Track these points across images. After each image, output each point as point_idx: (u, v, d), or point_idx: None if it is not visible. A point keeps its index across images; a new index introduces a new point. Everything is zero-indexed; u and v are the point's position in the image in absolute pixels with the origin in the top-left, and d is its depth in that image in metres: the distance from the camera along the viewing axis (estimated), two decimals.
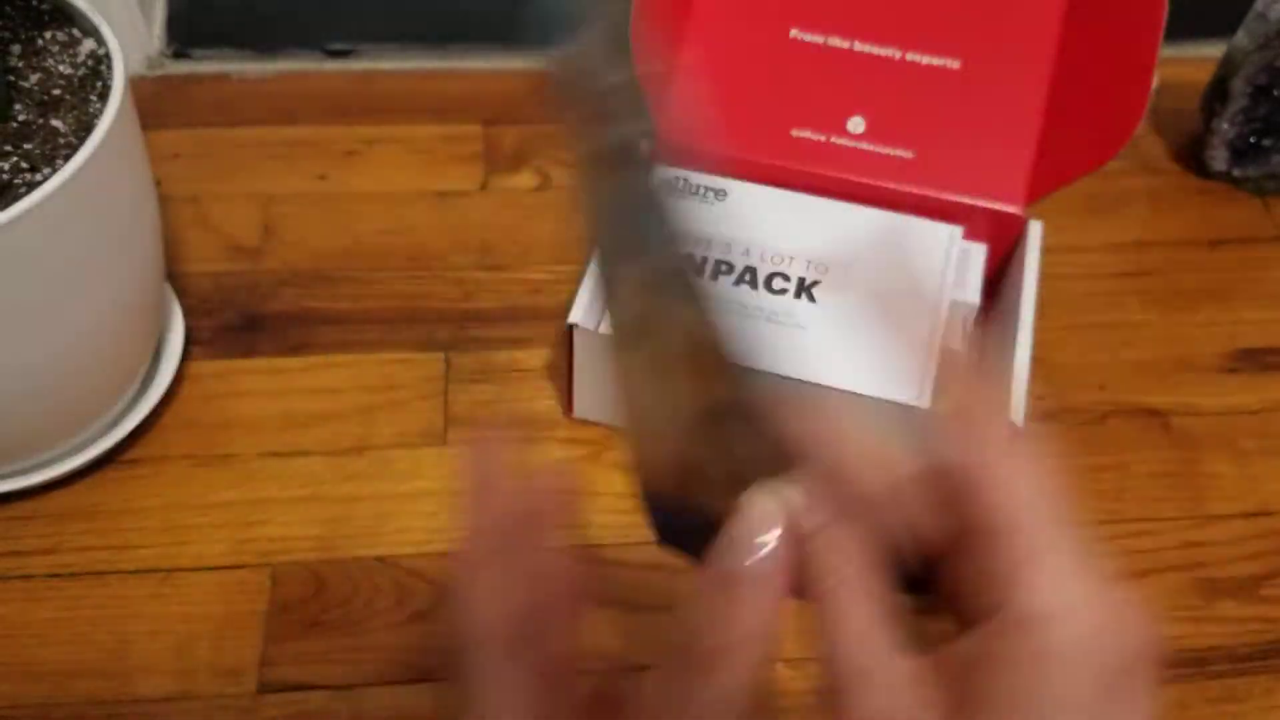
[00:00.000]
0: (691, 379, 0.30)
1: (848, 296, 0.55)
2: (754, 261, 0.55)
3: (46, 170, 0.45)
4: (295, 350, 0.60)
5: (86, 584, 0.51)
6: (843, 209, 0.58)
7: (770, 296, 0.54)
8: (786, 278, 0.55)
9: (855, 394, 0.51)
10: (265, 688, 0.48)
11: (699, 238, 0.53)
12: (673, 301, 0.31)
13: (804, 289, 0.54)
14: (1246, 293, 0.66)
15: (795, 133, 0.59)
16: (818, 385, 0.51)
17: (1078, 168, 0.56)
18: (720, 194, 0.58)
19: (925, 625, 0.28)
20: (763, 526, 0.26)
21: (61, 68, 0.49)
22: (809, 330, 0.53)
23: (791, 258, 0.55)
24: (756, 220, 0.57)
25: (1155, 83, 0.54)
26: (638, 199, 0.33)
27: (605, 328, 0.55)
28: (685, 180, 0.58)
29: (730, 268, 0.55)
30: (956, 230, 0.56)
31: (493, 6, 0.79)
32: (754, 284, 0.54)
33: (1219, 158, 0.70)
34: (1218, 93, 0.69)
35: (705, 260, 0.55)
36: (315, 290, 0.63)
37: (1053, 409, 0.60)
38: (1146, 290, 0.66)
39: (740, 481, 0.27)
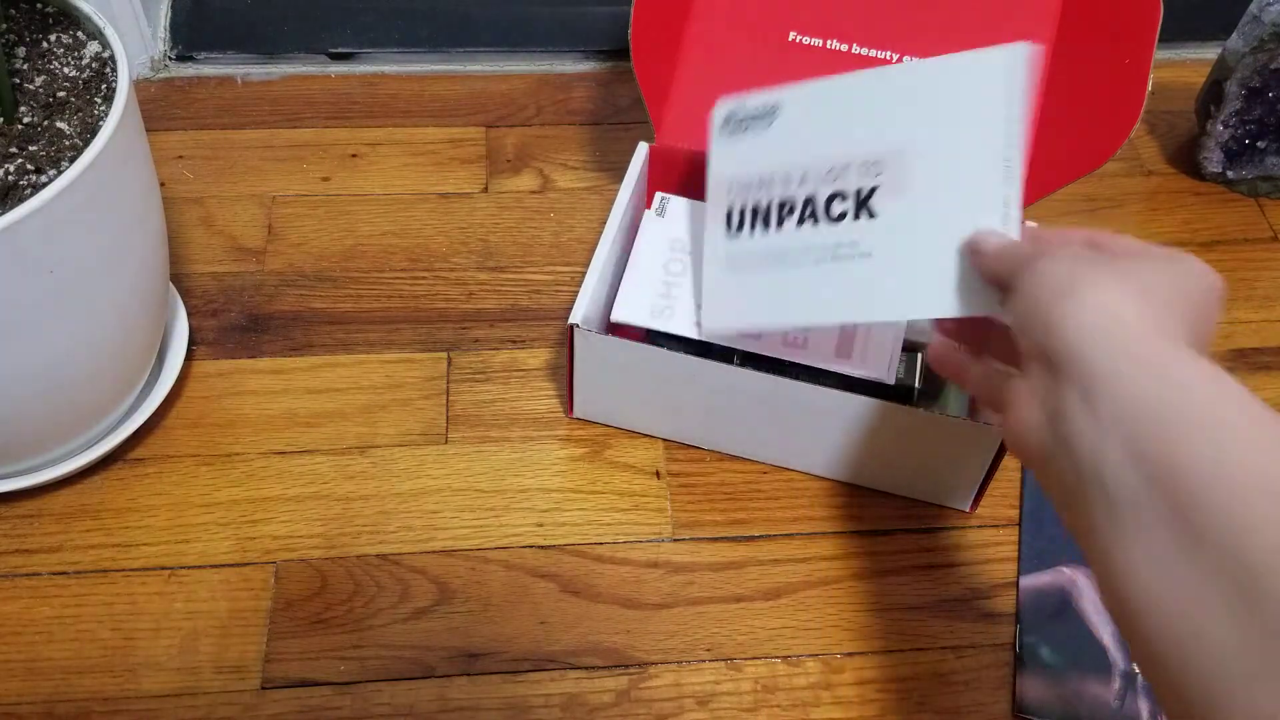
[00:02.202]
0: None
1: (909, 198, 0.47)
2: (811, 188, 0.49)
3: (52, 172, 0.45)
4: (299, 350, 0.61)
5: (92, 582, 0.52)
6: (883, 75, 0.49)
7: (832, 227, 0.48)
8: (844, 196, 0.48)
9: (933, 319, 0.47)
10: (269, 684, 0.49)
11: (760, 180, 0.52)
12: None
13: (862, 204, 0.48)
14: (1241, 294, 0.66)
15: None
16: (893, 323, 0.52)
17: (1074, 170, 0.57)
18: (770, 115, 0.52)
19: None
20: None
21: (66, 70, 0.49)
22: (875, 258, 0.47)
23: (845, 165, 0.49)
24: (806, 133, 0.51)
25: (1150, 86, 0.55)
26: None
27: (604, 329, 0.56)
28: (735, 114, 0.53)
29: (793, 208, 0.50)
30: (1018, 53, 0.44)
31: (495, 11, 0.80)
32: (816, 217, 0.49)
33: (1214, 160, 0.70)
34: (1212, 95, 0.69)
35: (769, 208, 0.51)
36: (318, 291, 0.64)
37: None
38: None
39: None
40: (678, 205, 0.58)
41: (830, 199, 0.48)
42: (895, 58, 0.59)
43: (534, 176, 0.71)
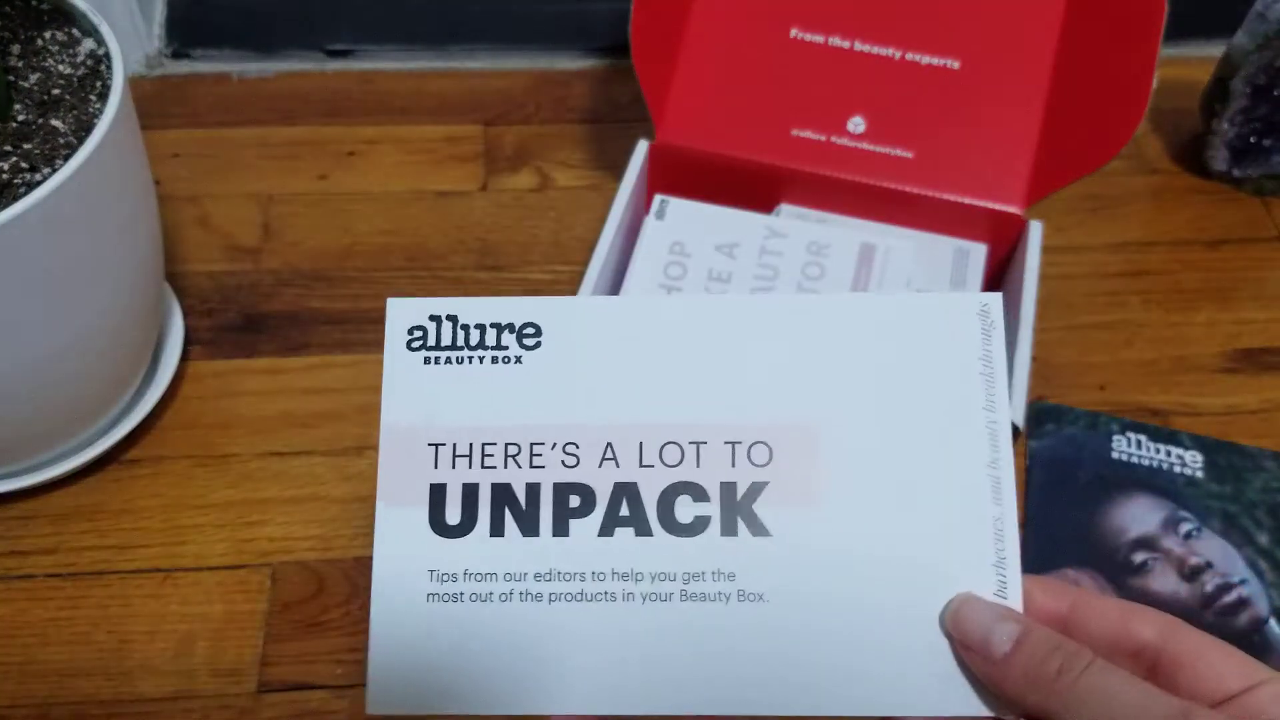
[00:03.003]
0: None
1: (826, 508, 0.29)
2: (627, 470, 0.30)
3: (46, 170, 0.45)
4: (295, 350, 0.60)
5: (87, 584, 0.51)
6: (772, 305, 0.31)
7: (681, 543, 0.29)
8: (700, 493, 0.29)
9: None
10: (265, 687, 0.48)
11: (511, 446, 0.30)
12: None
13: (738, 508, 0.29)
14: (1247, 293, 0.66)
15: (795, 132, 0.59)
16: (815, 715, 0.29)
17: (1078, 168, 0.56)
18: (530, 335, 0.31)
19: None
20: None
21: (61, 68, 0.49)
22: (771, 604, 0.29)
23: (700, 440, 0.30)
24: (613, 376, 0.30)
25: (1155, 83, 0.54)
26: None
27: None
28: (444, 317, 0.31)
29: (589, 501, 0.30)
30: (990, 301, 0.31)
31: (493, 7, 0.80)
32: (640, 523, 0.29)
33: (1219, 158, 0.70)
34: (1218, 93, 0.69)
35: (536, 495, 0.30)
36: (315, 290, 0.63)
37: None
38: (1147, 290, 0.66)
39: None
40: (678, 207, 0.58)
41: (670, 495, 0.29)
42: (899, 55, 0.58)
43: (533, 174, 0.70)
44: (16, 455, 0.52)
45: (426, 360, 0.31)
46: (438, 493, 0.30)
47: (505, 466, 0.30)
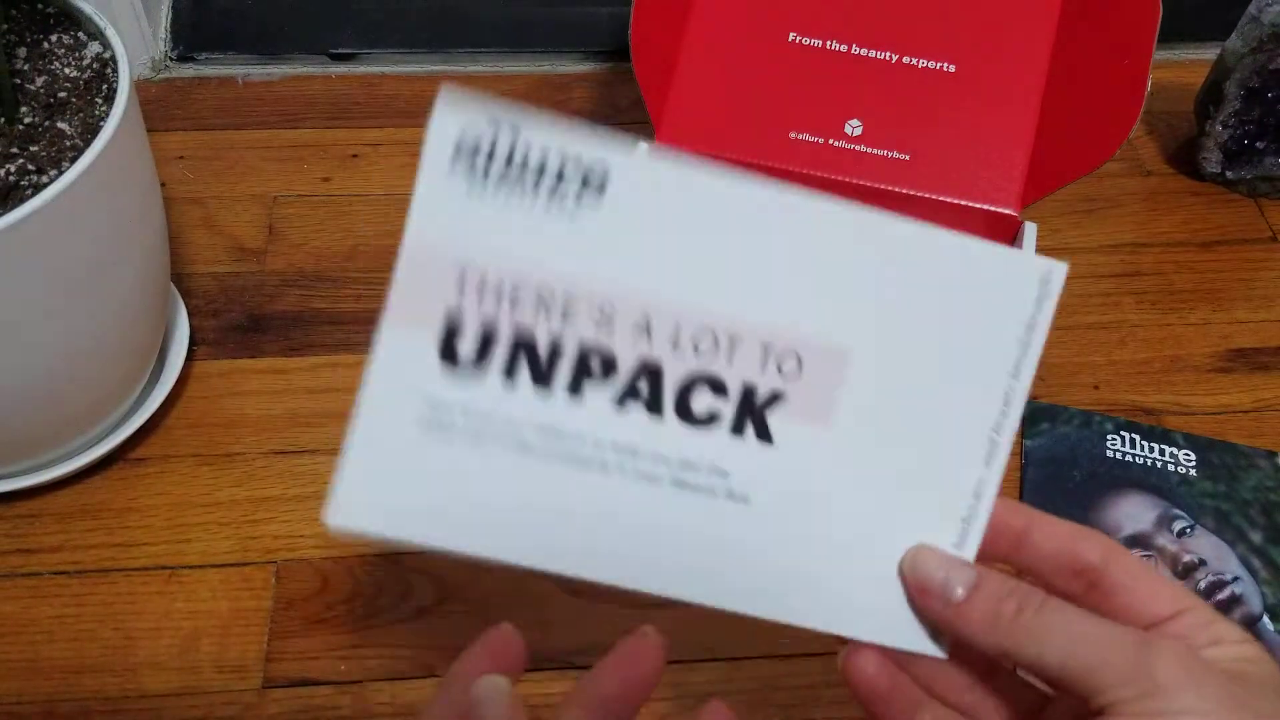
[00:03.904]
0: None
1: (834, 433, 0.29)
2: (657, 348, 0.28)
3: (53, 172, 0.45)
4: (299, 350, 0.61)
5: (93, 581, 0.52)
6: (845, 217, 0.29)
7: (686, 432, 0.29)
8: (719, 387, 0.29)
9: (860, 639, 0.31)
10: (270, 683, 0.49)
11: (546, 294, 0.28)
12: None
13: (751, 412, 0.29)
14: (1240, 294, 0.66)
15: (793, 135, 0.59)
16: (778, 621, 0.31)
17: (1073, 170, 0.57)
18: (594, 184, 0.28)
19: None
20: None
21: (67, 70, 0.49)
22: (754, 508, 0.29)
23: (735, 337, 0.29)
24: (666, 249, 0.29)
25: (1149, 86, 0.55)
26: None
27: None
28: (505, 135, 0.28)
29: (609, 369, 0.28)
30: (1054, 269, 0.30)
31: (495, 12, 0.80)
32: (656, 403, 0.29)
33: (1213, 160, 0.70)
34: (1211, 95, 0.69)
35: (556, 350, 0.28)
36: (319, 291, 0.64)
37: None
38: (1140, 291, 0.66)
39: None
40: None
41: (691, 383, 0.29)
42: (896, 59, 0.59)
43: None
44: (23, 454, 0.52)
45: (472, 172, 0.28)
46: (454, 318, 0.28)
47: (535, 311, 0.28)
